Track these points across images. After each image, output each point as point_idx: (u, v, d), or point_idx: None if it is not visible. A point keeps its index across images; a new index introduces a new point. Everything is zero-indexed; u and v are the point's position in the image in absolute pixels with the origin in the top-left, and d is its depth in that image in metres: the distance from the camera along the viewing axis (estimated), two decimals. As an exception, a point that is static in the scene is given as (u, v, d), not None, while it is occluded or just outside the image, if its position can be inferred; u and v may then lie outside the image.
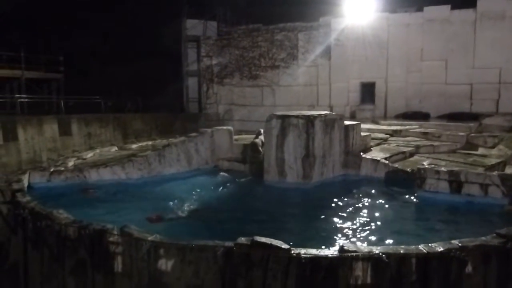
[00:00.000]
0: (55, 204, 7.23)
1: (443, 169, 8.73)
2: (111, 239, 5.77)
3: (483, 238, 5.40)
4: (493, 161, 10.61)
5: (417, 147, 12.26)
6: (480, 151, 12.06)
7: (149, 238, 5.51)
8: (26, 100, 20.97)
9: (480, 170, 9.18)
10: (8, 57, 23.23)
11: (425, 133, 13.91)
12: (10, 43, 23.93)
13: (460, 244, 5.17)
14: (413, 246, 5.20)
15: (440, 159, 10.92)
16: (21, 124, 16.32)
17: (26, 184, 9.05)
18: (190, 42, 24.03)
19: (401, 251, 5.08)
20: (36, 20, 26.69)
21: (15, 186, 8.36)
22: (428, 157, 11.29)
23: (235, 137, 13.00)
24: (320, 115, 10.20)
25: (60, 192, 9.09)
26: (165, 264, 5.42)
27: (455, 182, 8.40)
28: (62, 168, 10.20)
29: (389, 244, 5.48)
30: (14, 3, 25.14)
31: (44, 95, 24.60)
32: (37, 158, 16.30)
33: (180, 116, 23.16)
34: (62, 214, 6.52)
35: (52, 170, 9.91)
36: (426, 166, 8.98)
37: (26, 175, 9.44)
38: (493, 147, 12.50)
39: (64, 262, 6.30)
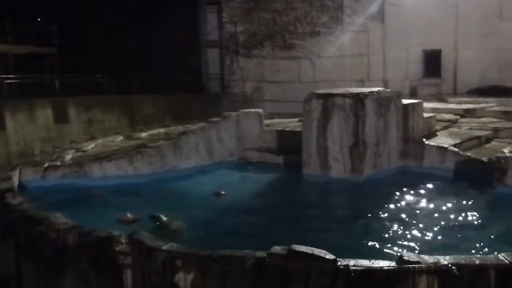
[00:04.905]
0: (51, 206, 7.44)
1: (530, 158, 8.52)
2: (118, 248, 5.88)
3: None
4: None
5: (496, 130, 12.04)
6: None
7: (164, 248, 5.58)
8: (14, 80, 21.50)
9: None
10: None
11: (506, 113, 13.63)
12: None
13: (553, 254, 5.04)
14: (492, 256, 5.09)
15: (526, 146, 10.66)
16: (8, 110, 16.78)
17: (16, 183, 9.29)
18: (210, 5, 24.05)
19: (476, 262, 4.98)
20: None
21: (4, 185, 8.59)
22: (510, 143, 11.05)
23: (266, 121, 13.01)
24: (372, 92, 10.09)
25: (57, 191, 9.30)
26: (184, 279, 5.49)
27: (547, 175, 8.19)
28: (59, 163, 10.45)
29: (460, 254, 5.38)
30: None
31: (35, 74, 25.14)
32: (29, 150, 16.80)
33: (198, 97, 23.30)
34: (60, 219, 6.68)
35: (46, 165, 10.16)
36: (508, 155, 8.77)
37: (16, 172, 9.69)
38: None
39: (64, 276, 6.49)
